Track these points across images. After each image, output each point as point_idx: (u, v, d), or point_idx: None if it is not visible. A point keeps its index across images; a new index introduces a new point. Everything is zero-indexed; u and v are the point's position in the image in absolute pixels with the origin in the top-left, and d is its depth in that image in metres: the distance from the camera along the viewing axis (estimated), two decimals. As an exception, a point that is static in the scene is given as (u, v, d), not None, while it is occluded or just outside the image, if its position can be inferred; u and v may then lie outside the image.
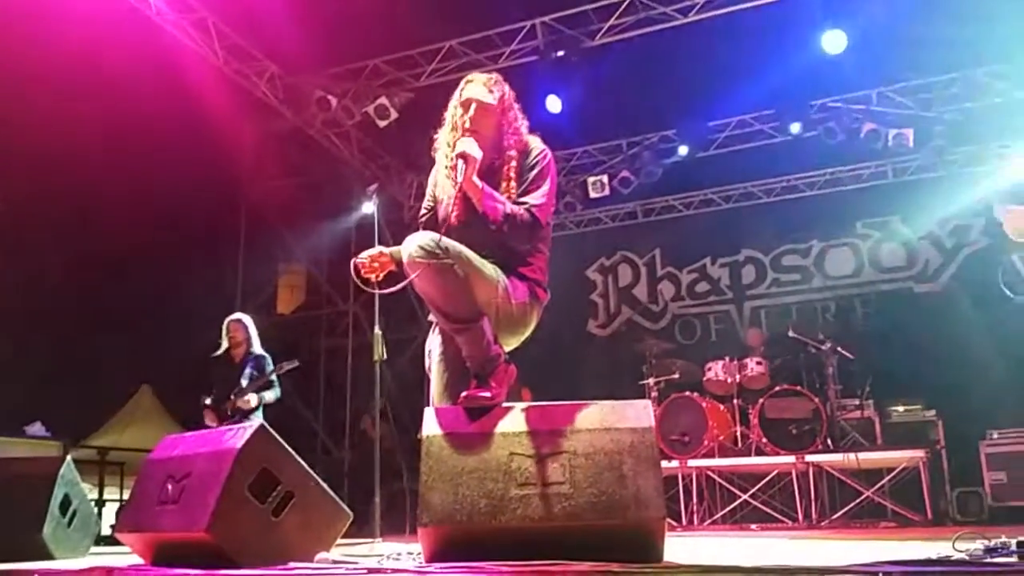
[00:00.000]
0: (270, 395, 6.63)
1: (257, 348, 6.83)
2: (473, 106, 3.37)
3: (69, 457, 5.19)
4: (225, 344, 6.83)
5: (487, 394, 3.01)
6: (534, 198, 3.27)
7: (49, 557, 4.54)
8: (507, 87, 3.48)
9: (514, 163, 3.34)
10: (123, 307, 10.00)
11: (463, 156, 3.19)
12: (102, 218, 8.98)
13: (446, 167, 3.39)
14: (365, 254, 3.36)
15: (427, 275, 2.98)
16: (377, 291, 3.36)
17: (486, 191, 3.21)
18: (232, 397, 6.47)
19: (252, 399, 6.46)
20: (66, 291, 9.26)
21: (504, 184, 3.30)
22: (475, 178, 3.19)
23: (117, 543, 4.53)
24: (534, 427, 2.88)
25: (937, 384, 8.79)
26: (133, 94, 7.91)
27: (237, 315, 6.97)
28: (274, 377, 6.63)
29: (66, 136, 8.00)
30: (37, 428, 8.20)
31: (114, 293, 9.74)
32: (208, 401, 6.65)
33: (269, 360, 6.75)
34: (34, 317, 8.79)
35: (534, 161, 3.36)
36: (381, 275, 3.36)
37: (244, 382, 6.55)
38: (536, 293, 3.32)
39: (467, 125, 3.34)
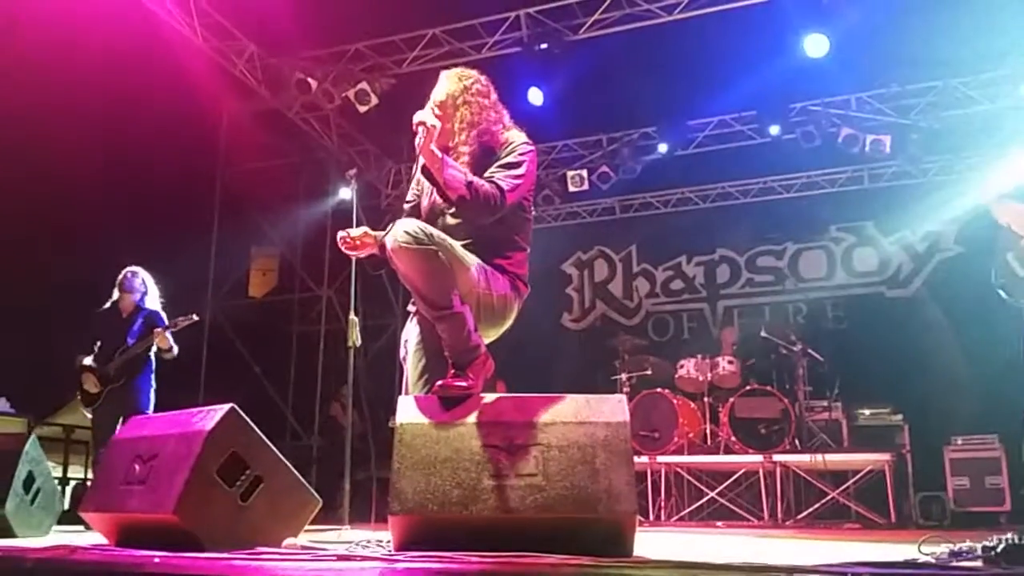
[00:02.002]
0: (174, 351, 6.28)
1: (152, 304, 6.46)
2: (434, 102, 3.37)
3: (34, 434, 5.13)
4: (116, 295, 6.45)
5: (463, 384, 2.99)
6: (504, 178, 3.22)
7: (11, 535, 4.48)
8: (480, 78, 3.46)
9: (475, 145, 3.31)
10: (93, 286, 9.84)
11: (421, 123, 3.18)
12: (71, 194, 8.82)
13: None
14: (354, 231, 3.36)
15: (411, 260, 2.97)
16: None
17: (447, 161, 3.17)
18: (116, 356, 6.12)
19: (171, 340, 6.14)
20: (33, 268, 9.11)
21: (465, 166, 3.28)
22: (434, 147, 3.16)
23: (81, 522, 4.46)
24: (508, 418, 2.87)
25: (904, 389, 8.90)
26: (107, 68, 7.73)
27: (134, 267, 6.60)
28: (169, 334, 6.21)
29: (36, 110, 7.84)
30: (2, 404, 8.09)
31: (83, 271, 9.58)
32: (87, 362, 6.22)
33: (163, 316, 6.39)
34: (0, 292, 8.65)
35: (517, 149, 3.32)
36: (361, 254, 3.39)
37: (131, 340, 6.19)
38: (517, 286, 3.32)
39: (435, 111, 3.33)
